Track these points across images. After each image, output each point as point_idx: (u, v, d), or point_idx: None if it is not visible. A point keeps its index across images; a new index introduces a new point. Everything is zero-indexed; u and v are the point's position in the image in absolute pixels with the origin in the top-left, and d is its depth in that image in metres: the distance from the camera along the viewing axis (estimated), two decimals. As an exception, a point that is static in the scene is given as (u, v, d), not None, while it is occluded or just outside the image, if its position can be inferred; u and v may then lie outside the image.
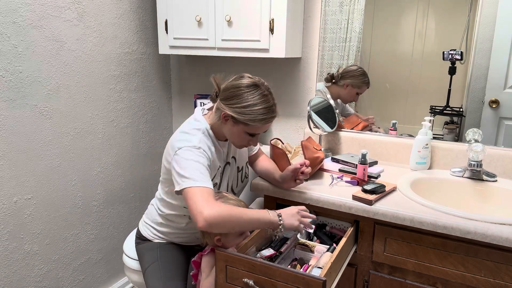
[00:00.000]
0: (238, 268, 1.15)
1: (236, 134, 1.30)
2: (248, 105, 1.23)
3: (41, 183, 1.68)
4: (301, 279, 1.05)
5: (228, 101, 1.26)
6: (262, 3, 1.70)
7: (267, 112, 1.25)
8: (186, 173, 1.18)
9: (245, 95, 1.24)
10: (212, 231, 1.15)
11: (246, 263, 1.13)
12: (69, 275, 1.87)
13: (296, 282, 1.06)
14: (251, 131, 1.28)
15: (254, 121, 1.24)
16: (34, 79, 1.60)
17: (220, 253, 1.17)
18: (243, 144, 1.34)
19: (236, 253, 1.17)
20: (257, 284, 1.12)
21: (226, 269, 1.17)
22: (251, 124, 1.25)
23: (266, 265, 1.10)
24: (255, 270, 1.12)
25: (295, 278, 1.06)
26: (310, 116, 1.80)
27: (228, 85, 1.29)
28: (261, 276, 1.11)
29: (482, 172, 1.52)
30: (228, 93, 1.27)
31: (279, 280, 1.09)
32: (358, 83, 1.82)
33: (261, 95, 1.24)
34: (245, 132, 1.28)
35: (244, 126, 1.26)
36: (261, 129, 1.29)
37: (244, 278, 1.13)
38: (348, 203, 1.36)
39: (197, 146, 1.25)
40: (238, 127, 1.27)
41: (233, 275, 1.16)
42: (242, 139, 1.31)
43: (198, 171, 1.19)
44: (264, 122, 1.26)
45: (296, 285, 1.06)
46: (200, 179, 1.17)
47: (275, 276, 1.09)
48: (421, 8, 1.67)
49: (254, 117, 1.24)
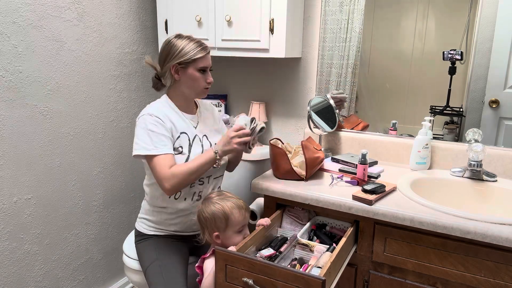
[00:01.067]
0: (237, 267, 1.15)
1: (192, 78, 1.41)
2: (183, 47, 1.39)
3: (41, 183, 1.68)
4: (301, 278, 1.05)
5: (168, 58, 1.40)
6: (262, 3, 1.70)
7: (199, 44, 1.41)
8: (139, 140, 1.36)
9: (176, 44, 1.40)
10: (178, 190, 1.34)
11: (245, 263, 1.13)
12: (69, 275, 1.87)
13: (296, 281, 1.06)
14: (200, 65, 1.40)
15: (196, 54, 1.38)
16: (34, 79, 1.60)
17: (219, 252, 1.17)
18: (203, 86, 1.44)
19: (235, 252, 1.17)
20: (257, 283, 1.12)
21: (225, 268, 1.17)
22: (197, 58, 1.39)
23: (266, 265, 1.10)
24: (254, 270, 1.12)
25: (294, 278, 1.06)
26: (310, 116, 1.80)
27: (160, 52, 1.45)
28: (260, 275, 1.11)
29: (482, 172, 1.52)
30: (164, 55, 1.42)
31: (279, 280, 1.09)
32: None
33: (186, 37, 1.42)
34: (197, 70, 1.40)
35: (193, 63, 1.39)
36: (206, 60, 1.42)
37: (244, 277, 1.13)
38: (348, 203, 1.36)
39: (151, 113, 1.38)
40: (188, 69, 1.40)
41: (233, 275, 1.16)
42: (199, 80, 1.42)
43: (150, 137, 1.34)
44: (204, 52, 1.40)
45: (295, 284, 1.06)
46: (151, 146, 1.33)
47: (275, 275, 1.09)
48: (421, 8, 1.67)
49: (194, 51, 1.38)
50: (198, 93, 1.46)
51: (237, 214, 1.29)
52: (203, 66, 1.41)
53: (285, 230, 1.48)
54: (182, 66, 1.39)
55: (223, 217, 1.29)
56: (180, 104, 1.47)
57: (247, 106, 2.13)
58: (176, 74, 1.41)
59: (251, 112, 2.03)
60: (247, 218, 1.34)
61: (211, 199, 1.34)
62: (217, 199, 1.33)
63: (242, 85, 2.15)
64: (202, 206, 1.35)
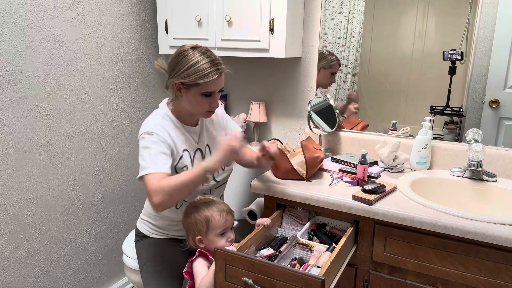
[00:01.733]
0: (237, 267, 1.14)
1: (193, 100, 1.29)
2: (191, 65, 1.24)
3: (41, 183, 1.68)
4: (300, 278, 1.05)
5: (174, 72, 1.28)
6: (262, 3, 1.70)
7: (211, 65, 1.25)
8: (141, 161, 1.25)
9: (186, 59, 1.25)
10: (168, 206, 1.21)
11: (245, 262, 1.13)
12: (69, 275, 1.87)
13: (295, 281, 1.06)
14: (204, 91, 1.27)
15: (202, 78, 1.24)
16: (34, 79, 1.60)
17: (219, 252, 1.17)
18: (205, 109, 1.32)
19: (235, 252, 1.17)
20: (256, 283, 1.12)
21: (225, 268, 1.17)
22: (201, 82, 1.24)
23: (265, 264, 1.10)
24: (254, 269, 1.12)
25: (294, 277, 1.06)
26: (310, 116, 1.80)
27: (170, 60, 1.32)
28: (260, 275, 1.11)
29: (482, 172, 1.52)
30: (172, 66, 1.29)
31: (278, 279, 1.08)
32: (327, 63, 1.89)
33: (200, 52, 1.26)
34: (200, 94, 1.27)
35: (196, 87, 1.26)
36: (213, 85, 1.27)
37: (243, 277, 1.13)
38: (348, 203, 1.36)
39: (150, 131, 1.27)
40: (192, 91, 1.27)
41: (232, 274, 1.16)
42: (201, 104, 1.30)
43: (149, 156, 1.23)
44: (213, 76, 1.25)
45: (295, 284, 1.06)
46: (148, 165, 1.22)
47: (274, 275, 1.09)
48: (421, 8, 1.67)
49: (201, 74, 1.24)
50: (199, 114, 1.36)
51: (217, 217, 1.28)
52: (207, 92, 1.27)
53: (285, 230, 1.48)
54: (185, 87, 1.28)
55: (204, 221, 1.28)
56: (181, 117, 1.37)
57: (247, 106, 2.13)
58: (178, 91, 1.30)
59: (251, 112, 2.03)
60: (230, 221, 1.32)
61: (194, 204, 1.33)
62: (200, 203, 1.32)
63: (242, 85, 2.15)
64: (185, 211, 1.34)
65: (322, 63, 1.91)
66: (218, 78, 1.27)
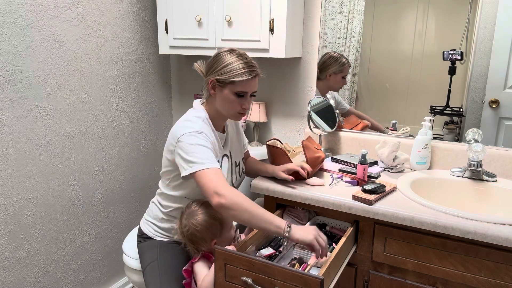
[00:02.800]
0: (237, 266, 1.14)
1: (226, 99, 1.32)
2: (228, 64, 1.30)
3: (41, 183, 1.68)
4: (299, 277, 1.05)
5: (211, 70, 1.34)
6: (262, 3, 1.70)
7: (247, 66, 1.31)
8: (193, 157, 1.22)
9: (223, 58, 1.32)
10: (223, 212, 1.18)
11: (245, 262, 1.13)
12: (69, 275, 1.87)
13: (295, 280, 1.06)
14: (238, 89, 1.31)
15: (237, 76, 1.29)
16: (34, 79, 1.60)
17: (219, 252, 1.16)
18: (236, 110, 1.35)
19: (235, 251, 1.17)
20: (256, 282, 1.12)
21: (225, 267, 1.17)
22: (236, 80, 1.29)
23: (265, 264, 1.10)
24: (254, 269, 1.12)
25: (293, 277, 1.06)
26: (310, 116, 1.80)
27: (208, 61, 1.38)
28: (260, 274, 1.11)
29: (482, 172, 1.52)
30: (209, 65, 1.35)
31: (278, 279, 1.08)
32: (338, 68, 1.87)
33: (237, 54, 1.33)
34: (234, 93, 1.31)
35: (231, 85, 1.30)
36: (247, 85, 1.31)
37: (243, 276, 1.13)
38: (348, 203, 1.36)
39: (199, 131, 1.28)
40: (226, 89, 1.31)
41: (232, 274, 1.16)
42: (233, 104, 1.33)
43: (204, 154, 1.23)
44: (247, 75, 1.29)
45: (294, 283, 1.06)
46: (208, 161, 1.21)
47: (274, 274, 1.09)
48: (421, 8, 1.67)
49: (236, 72, 1.29)
50: (230, 116, 1.38)
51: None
52: (241, 91, 1.31)
53: None
54: (219, 84, 1.31)
55: (218, 221, 1.28)
56: (214, 121, 1.39)
57: (247, 106, 2.13)
58: (213, 90, 1.34)
59: (251, 112, 2.03)
60: None
61: (195, 212, 1.31)
62: (199, 208, 1.30)
63: (242, 85, 2.15)
64: (188, 223, 1.30)
65: (333, 68, 1.87)
66: (252, 79, 1.32)
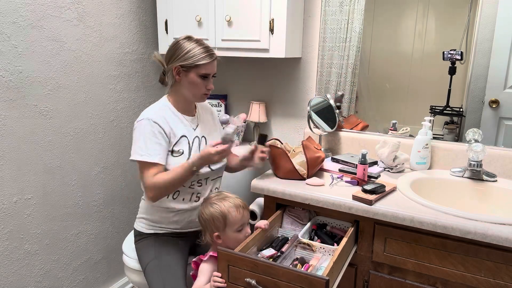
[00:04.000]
0: (240, 267, 1.15)
1: (192, 83, 1.41)
2: (189, 50, 1.39)
3: (41, 183, 1.68)
4: (304, 278, 1.05)
5: (173, 58, 1.41)
6: (262, 3, 1.70)
7: (206, 50, 1.40)
8: (136, 146, 1.37)
9: (182, 46, 1.40)
10: (160, 198, 1.37)
11: (248, 263, 1.13)
12: (69, 275, 1.87)
13: (299, 281, 1.06)
14: (202, 72, 1.40)
15: (200, 60, 1.38)
16: (34, 79, 1.60)
17: (222, 253, 1.17)
18: (202, 92, 1.44)
19: (238, 252, 1.17)
20: (260, 283, 1.12)
21: (228, 269, 1.17)
22: (200, 64, 1.38)
23: (269, 265, 1.10)
24: (257, 270, 1.12)
25: (298, 278, 1.06)
26: (310, 116, 1.80)
27: (168, 50, 1.45)
28: (263, 275, 1.11)
29: (482, 172, 1.52)
30: (170, 54, 1.43)
31: (282, 280, 1.09)
32: None
33: (195, 40, 1.42)
34: (198, 76, 1.40)
35: (195, 69, 1.39)
36: (210, 67, 1.41)
37: (247, 277, 1.13)
38: (348, 203, 1.36)
39: (149, 117, 1.38)
40: (191, 73, 1.40)
41: (236, 275, 1.16)
42: (199, 86, 1.42)
43: (145, 144, 1.36)
44: (209, 59, 1.39)
45: (299, 284, 1.06)
46: (143, 152, 1.35)
47: (278, 275, 1.09)
48: (421, 8, 1.67)
49: (198, 57, 1.38)
50: (196, 98, 1.46)
51: (234, 213, 1.29)
52: (205, 73, 1.40)
53: (286, 230, 1.48)
54: (184, 69, 1.40)
55: (221, 217, 1.29)
56: (179, 106, 1.47)
57: (247, 106, 2.13)
58: (178, 75, 1.42)
59: (251, 112, 2.03)
60: (246, 216, 1.34)
61: (210, 200, 1.34)
62: (215, 199, 1.34)
63: (242, 85, 2.15)
64: (201, 208, 1.35)
65: None
66: (213, 62, 1.42)
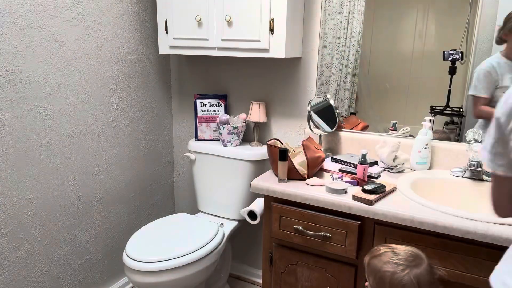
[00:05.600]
0: (290, 218, 1.46)
1: None
2: None
3: (41, 183, 1.68)
4: (341, 223, 1.37)
5: None
6: (262, 3, 1.70)
7: None
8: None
9: None
10: None
11: (296, 213, 1.44)
12: (69, 275, 1.87)
13: (337, 225, 1.38)
14: None
15: None
16: (34, 79, 1.60)
17: (276, 207, 1.47)
18: None
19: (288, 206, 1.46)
20: (306, 229, 1.43)
21: (279, 219, 1.48)
22: None
23: (313, 214, 1.41)
24: (303, 219, 1.44)
25: (336, 223, 1.38)
26: (310, 116, 1.80)
27: None
28: (308, 222, 1.43)
29: (482, 172, 1.52)
30: None
31: (324, 225, 1.40)
32: None
33: None
34: None
35: None
36: None
37: (295, 225, 1.45)
38: (348, 203, 1.36)
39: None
40: None
41: (286, 223, 1.47)
42: None
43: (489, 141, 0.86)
44: None
45: (337, 228, 1.38)
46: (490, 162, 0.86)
47: (320, 222, 1.41)
48: (421, 8, 1.67)
49: None
50: None
51: None
52: None
53: None
54: None
55: None
56: None
57: (247, 106, 2.13)
58: None
59: (251, 112, 2.03)
60: None
61: None
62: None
63: (242, 85, 2.15)
64: None
65: None
66: None
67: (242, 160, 1.97)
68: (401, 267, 0.99)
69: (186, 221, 2.00)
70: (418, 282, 0.97)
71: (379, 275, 1.02)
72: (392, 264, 1.00)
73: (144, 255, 1.66)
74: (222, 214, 2.11)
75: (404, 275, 0.98)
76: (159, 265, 1.63)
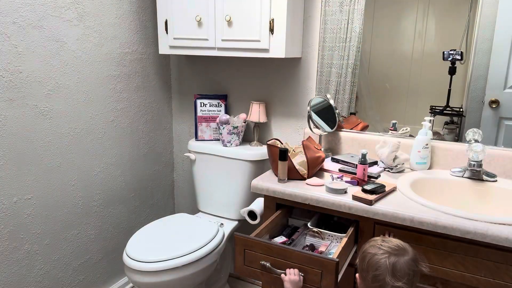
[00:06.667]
0: (256, 251, 1.24)
1: None
2: None
3: (41, 183, 1.68)
4: (316, 260, 1.14)
5: None
6: (262, 3, 1.70)
7: None
8: None
9: None
10: None
11: (263, 247, 1.22)
12: (69, 275, 1.87)
13: (311, 263, 1.15)
14: None
15: None
16: (34, 79, 1.60)
17: (239, 238, 1.26)
18: None
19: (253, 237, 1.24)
20: (274, 266, 1.20)
21: (244, 252, 1.26)
22: None
23: (283, 248, 1.20)
24: (272, 253, 1.22)
25: (310, 260, 1.15)
26: (310, 116, 1.80)
27: None
28: (278, 258, 1.21)
29: (482, 172, 1.52)
30: None
31: (295, 262, 1.17)
32: None
33: None
34: None
35: None
36: None
37: (262, 260, 1.22)
38: (348, 203, 1.36)
39: None
40: None
41: (251, 258, 1.26)
42: None
43: None
44: None
45: (311, 266, 1.15)
46: None
47: (291, 258, 1.18)
48: (421, 8, 1.67)
49: None
50: None
51: None
52: None
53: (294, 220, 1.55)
54: None
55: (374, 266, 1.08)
56: None
57: (247, 106, 2.13)
58: None
59: (251, 112, 2.03)
60: None
61: None
62: None
63: (242, 85, 2.15)
64: None
65: None
66: None
67: (242, 160, 1.97)
68: (382, 251, 1.07)
69: (186, 221, 2.00)
70: (393, 269, 1.04)
71: (363, 255, 1.11)
72: (376, 248, 1.09)
73: (144, 255, 1.66)
74: (222, 214, 2.11)
75: (381, 258, 1.06)
76: (159, 265, 1.63)
